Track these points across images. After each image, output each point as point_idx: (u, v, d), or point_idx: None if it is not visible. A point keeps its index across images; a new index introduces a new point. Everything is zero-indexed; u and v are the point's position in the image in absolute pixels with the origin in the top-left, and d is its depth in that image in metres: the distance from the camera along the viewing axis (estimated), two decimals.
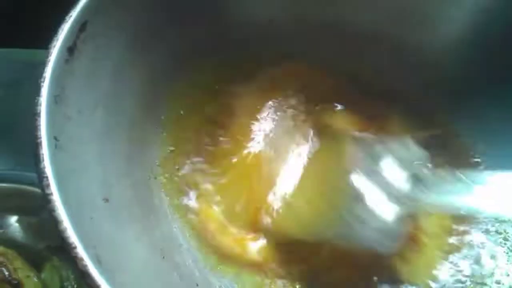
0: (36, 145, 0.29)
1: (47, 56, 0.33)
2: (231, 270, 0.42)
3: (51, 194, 0.27)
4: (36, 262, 0.44)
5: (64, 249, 0.26)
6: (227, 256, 0.42)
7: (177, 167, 0.46)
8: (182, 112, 0.47)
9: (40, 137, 0.29)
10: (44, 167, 0.28)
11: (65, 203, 0.28)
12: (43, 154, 0.28)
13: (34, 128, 0.30)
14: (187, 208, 0.44)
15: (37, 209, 0.44)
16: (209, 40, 0.48)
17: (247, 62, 0.50)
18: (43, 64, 0.33)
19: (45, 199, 0.27)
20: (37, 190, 0.43)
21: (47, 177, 0.28)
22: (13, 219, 0.45)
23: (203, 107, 0.49)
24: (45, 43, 0.34)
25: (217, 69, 0.49)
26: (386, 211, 0.40)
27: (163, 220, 0.41)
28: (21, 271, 0.40)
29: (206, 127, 0.49)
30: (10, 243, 0.44)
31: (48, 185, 0.27)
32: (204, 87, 0.49)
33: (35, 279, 0.40)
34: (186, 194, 0.45)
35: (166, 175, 0.44)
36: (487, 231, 0.45)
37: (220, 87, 0.50)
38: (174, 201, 0.43)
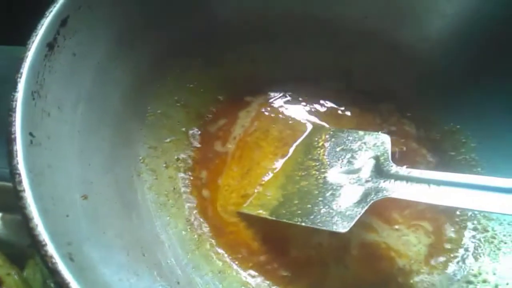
0: (10, 141, 0.28)
1: (24, 51, 0.32)
2: (214, 268, 0.41)
3: (23, 191, 0.27)
4: (19, 259, 0.43)
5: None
6: (210, 254, 0.42)
7: (164, 164, 0.45)
8: (167, 110, 0.47)
9: (14, 133, 0.29)
10: (17, 163, 0.28)
11: (38, 200, 0.27)
12: (16, 151, 0.28)
13: (9, 123, 0.29)
14: (171, 206, 0.43)
15: None
16: (197, 37, 0.48)
17: (234, 60, 0.50)
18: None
19: (17, 196, 0.27)
20: None
21: (19, 173, 0.27)
22: None
23: (189, 105, 0.49)
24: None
25: (204, 67, 0.49)
26: (348, 196, 0.41)
27: (145, 217, 0.40)
28: (2, 268, 0.40)
29: (192, 125, 0.49)
30: None
31: (20, 182, 0.27)
32: (191, 85, 0.49)
33: (16, 277, 0.40)
34: (170, 191, 0.44)
35: (150, 172, 0.43)
36: (474, 229, 0.44)
37: (206, 85, 0.49)
38: (157, 199, 0.43)
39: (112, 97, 0.41)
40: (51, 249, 0.25)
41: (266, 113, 0.51)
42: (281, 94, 0.52)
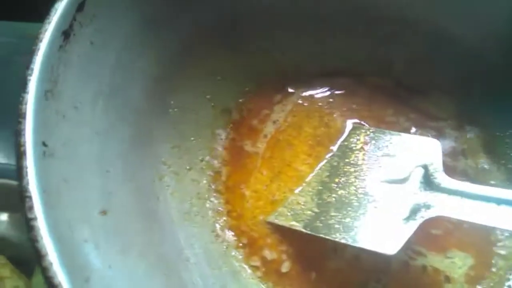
0: (19, 155, 0.24)
1: (36, 43, 0.27)
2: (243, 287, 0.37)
3: (35, 219, 0.22)
4: (27, 263, 0.40)
5: None
6: (238, 271, 0.38)
7: (187, 166, 0.41)
8: (193, 104, 0.42)
9: (24, 145, 0.24)
10: (28, 184, 0.23)
11: (53, 228, 0.23)
12: (27, 167, 0.24)
13: (18, 133, 0.25)
14: (195, 214, 0.39)
15: None
16: (228, 23, 0.42)
17: (266, 51, 0.45)
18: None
19: (28, 225, 0.22)
20: None
21: (30, 197, 0.23)
22: (3, 217, 0.41)
23: (216, 99, 0.44)
24: (39, 16, 0.29)
25: (233, 57, 0.44)
26: (394, 211, 0.37)
27: (168, 229, 0.36)
28: (9, 281, 0.36)
29: (218, 121, 0.44)
30: (0, 241, 0.40)
31: (31, 208, 0.23)
32: (218, 77, 0.44)
33: None
34: (194, 197, 0.40)
35: (173, 175, 0.39)
36: None
37: (235, 77, 0.45)
38: (181, 206, 0.39)
39: (134, 91, 0.36)
40: None
41: (300, 108, 0.46)
42: (317, 88, 0.47)
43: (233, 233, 0.40)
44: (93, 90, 0.32)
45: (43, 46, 0.28)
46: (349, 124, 0.46)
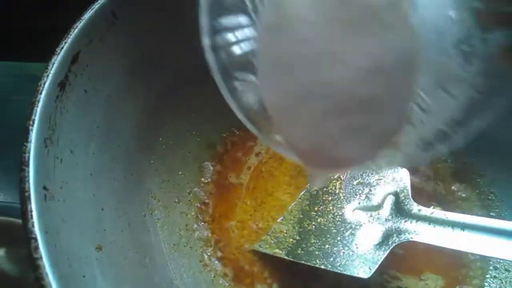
0: (23, 200, 0.27)
1: (35, 95, 0.30)
2: None
3: (40, 258, 0.25)
4: None
5: None
6: None
7: (176, 199, 0.44)
8: (179, 140, 0.45)
9: (28, 190, 0.27)
10: (33, 226, 0.26)
11: (55, 265, 0.26)
12: (31, 211, 0.26)
13: (21, 179, 0.27)
14: (184, 245, 0.42)
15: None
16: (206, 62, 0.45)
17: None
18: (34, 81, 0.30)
19: (33, 264, 0.25)
20: None
21: (35, 238, 0.25)
22: (1, 252, 0.43)
23: (201, 134, 0.47)
24: (37, 56, 0.32)
25: (214, 94, 0.46)
26: (368, 237, 0.40)
27: (159, 261, 0.39)
28: None
29: (204, 155, 0.47)
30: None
31: (36, 248, 0.25)
32: (201, 113, 0.47)
33: None
34: (183, 229, 0.43)
35: (162, 209, 0.42)
36: (495, 268, 0.43)
37: (218, 113, 0.47)
38: (170, 238, 0.41)
39: (123, 132, 0.39)
40: None
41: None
42: None
43: (220, 262, 0.43)
44: (86, 133, 0.34)
45: (42, 98, 0.30)
46: None
